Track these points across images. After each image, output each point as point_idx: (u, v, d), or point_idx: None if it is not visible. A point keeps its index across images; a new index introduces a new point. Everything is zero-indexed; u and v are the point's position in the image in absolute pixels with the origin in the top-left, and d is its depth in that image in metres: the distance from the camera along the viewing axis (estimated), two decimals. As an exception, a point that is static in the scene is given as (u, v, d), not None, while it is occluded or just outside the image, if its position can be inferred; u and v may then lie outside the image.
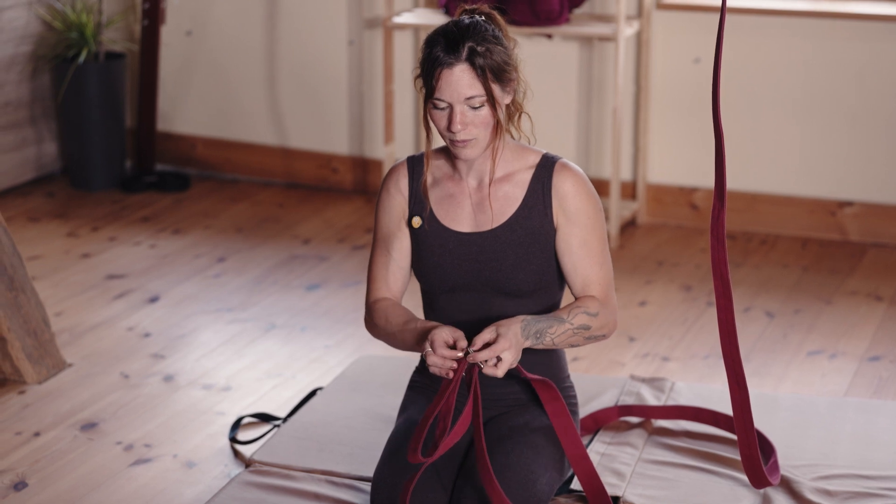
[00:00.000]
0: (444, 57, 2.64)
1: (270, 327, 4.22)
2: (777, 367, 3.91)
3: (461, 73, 2.64)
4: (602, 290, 2.79)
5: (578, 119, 5.18)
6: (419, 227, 2.83)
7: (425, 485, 2.69)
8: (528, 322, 2.69)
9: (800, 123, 4.94)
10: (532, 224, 2.78)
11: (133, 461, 3.36)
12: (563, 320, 2.73)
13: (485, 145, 2.73)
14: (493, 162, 2.77)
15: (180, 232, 5.08)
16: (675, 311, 4.33)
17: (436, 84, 2.65)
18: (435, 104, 2.68)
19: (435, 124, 2.71)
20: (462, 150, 2.72)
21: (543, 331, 2.71)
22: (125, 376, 3.85)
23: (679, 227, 5.12)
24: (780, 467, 3.10)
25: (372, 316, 2.85)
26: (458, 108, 2.66)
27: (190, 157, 5.76)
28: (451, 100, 2.66)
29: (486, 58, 2.65)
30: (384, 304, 2.84)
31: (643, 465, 3.14)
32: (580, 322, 2.75)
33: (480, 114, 2.68)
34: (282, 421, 3.50)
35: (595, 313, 2.76)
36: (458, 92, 2.65)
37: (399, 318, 2.79)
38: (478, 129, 2.69)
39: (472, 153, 2.72)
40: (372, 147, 5.49)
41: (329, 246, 4.94)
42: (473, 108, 2.67)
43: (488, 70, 2.65)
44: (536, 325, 2.70)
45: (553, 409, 2.78)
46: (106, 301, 4.41)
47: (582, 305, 2.76)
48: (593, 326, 2.76)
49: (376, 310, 2.84)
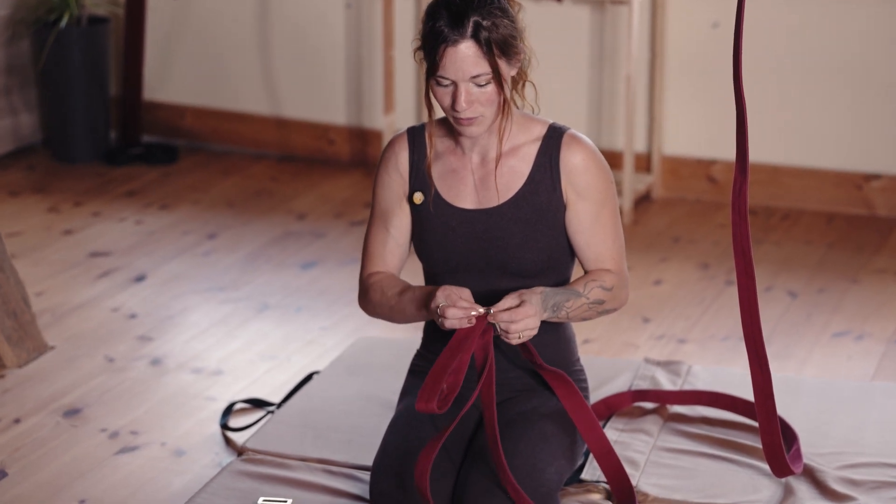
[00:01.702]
0: (448, 33, 2.62)
1: (263, 307, 4.22)
2: (800, 350, 3.91)
3: (466, 51, 2.63)
4: (616, 263, 2.81)
5: (590, 87, 5.17)
6: (421, 204, 2.82)
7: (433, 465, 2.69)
8: (546, 294, 2.70)
9: (826, 91, 4.93)
10: (539, 200, 2.78)
11: (118, 449, 3.37)
12: (580, 294, 2.75)
13: (490, 122, 2.72)
14: (500, 141, 2.76)
15: (168, 207, 5.08)
16: (692, 291, 4.33)
17: (439, 61, 2.64)
18: (438, 81, 2.67)
19: (437, 101, 2.70)
20: (467, 128, 2.71)
21: (561, 304, 2.72)
22: (110, 360, 3.85)
23: (696, 202, 5.12)
24: (804, 455, 3.10)
25: (367, 291, 2.85)
26: (463, 86, 2.65)
27: (178, 128, 5.75)
28: (455, 78, 2.65)
29: (491, 32, 2.63)
30: (379, 278, 2.84)
31: (658, 454, 3.15)
32: (595, 296, 2.76)
33: (486, 91, 2.67)
34: (276, 407, 3.51)
35: (610, 287, 2.77)
36: (462, 70, 2.64)
37: (395, 287, 2.79)
38: (483, 106, 2.68)
39: (477, 131, 2.72)
40: (371, 117, 5.48)
41: (325, 221, 4.94)
42: (479, 85, 2.66)
43: (495, 46, 2.64)
44: (555, 298, 2.71)
45: (572, 404, 2.78)
46: (89, 280, 4.41)
47: (598, 279, 2.77)
48: (607, 300, 2.78)
49: (371, 284, 2.84)
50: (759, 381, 2.84)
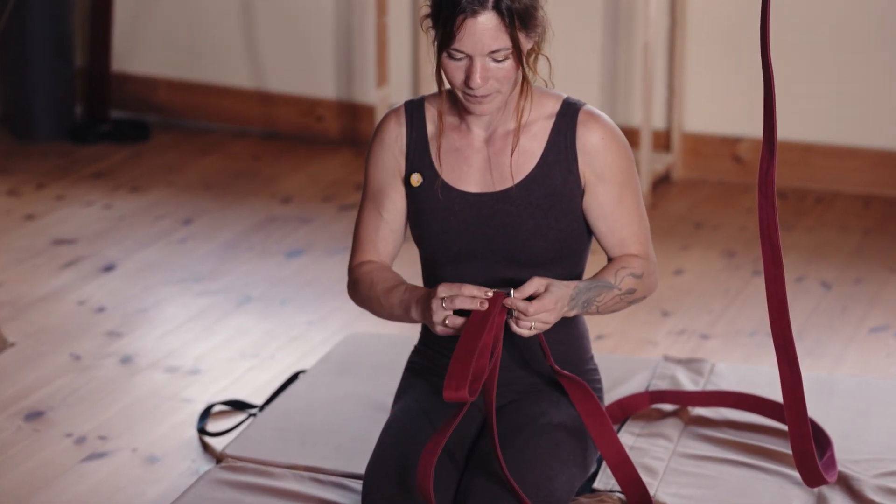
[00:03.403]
0: (467, 3, 2.61)
1: (245, 300, 4.22)
2: (834, 346, 3.91)
3: (486, 23, 2.63)
4: (642, 247, 2.83)
5: (603, 57, 5.17)
6: (419, 186, 2.82)
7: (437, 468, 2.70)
8: (579, 290, 2.72)
9: (864, 62, 4.93)
10: (553, 183, 2.78)
11: (86, 456, 3.37)
12: (612, 286, 2.76)
13: (503, 100, 2.72)
14: (518, 124, 2.76)
15: (139, 190, 5.08)
16: (716, 281, 4.34)
17: (456, 33, 2.63)
18: (451, 54, 2.66)
19: (447, 76, 2.69)
20: (477, 106, 2.71)
21: (592, 300, 2.74)
22: (76, 357, 3.86)
23: (720, 184, 5.12)
24: (838, 462, 3.10)
25: (356, 283, 2.86)
26: (479, 60, 2.65)
27: (150, 103, 5.75)
28: (471, 52, 2.64)
29: (514, 2, 2.63)
30: (369, 268, 2.84)
31: (678, 461, 3.15)
32: (628, 286, 2.78)
33: (503, 67, 2.67)
34: (258, 409, 3.51)
35: (640, 275, 2.80)
36: (481, 44, 2.64)
37: (385, 282, 2.80)
38: (499, 82, 2.68)
39: (489, 108, 2.72)
40: (363, 90, 5.48)
41: (313, 206, 4.95)
42: (496, 60, 2.66)
43: (517, 17, 2.64)
44: (587, 294, 2.73)
45: (586, 408, 2.79)
46: (53, 270, 4.41)
47: (627, 266, 2.79)
48: (638, 289, 2.81)
49: (360, 275, 2.85)
50: (789, 380, 2.85)
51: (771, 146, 2.73)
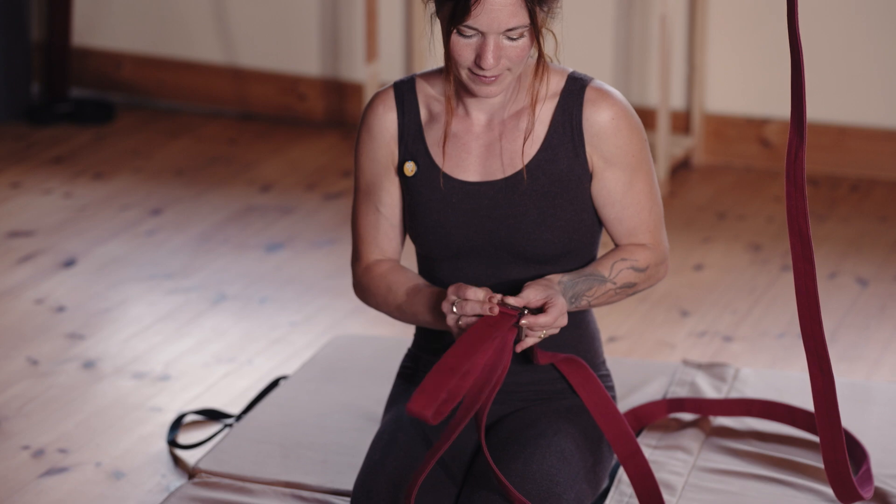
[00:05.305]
0: None
1: (220, 299, 4.23)
2: (871, 349, 3.92)
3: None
4: (653, 236, 2.83)
5: (616, 31, 5.18)
6: (413, 176, 2.83)
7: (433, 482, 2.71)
8: (564, 286, 2.72)
9: (902, 35, 4.95)
10: (558, 169, 2.79)
11: (45, 470, 3.38)
12: (605, 279, 2.76)
13: (513, 81, 2.73)
14: (533, 111, 2.76)
15: (103, 176, 5.09)
16: (741, 278, 4.35)
17: (471, 9, 2.63)
18: (461, 31, 2.67)
19: (454, 54, 2.70)
20: (484, 88, 2.71)
21: (581, 294, 2.74)
22: (33, 362, 3.87)
23: (746, 170, 5.13)
24: (875, 477, 3.11)
25: (368, 286, 2.86)
26: (493, 39, 2.65)
27: (114, 80, 5.76)
28: (486, 30, 2.65)
29: None
30: (382, 270, 2.85)
31: (699, 475, 3.16)
32: (625, 280, 2.78)
33: (517, 45, 2.68)
34: (235, 419, 3.52)
35: (644, 267, 2.79)
36: (498, 21, 2.64)
37: (404, 284, 2.81)
38: (512, 62, 2.69)
39: (497, 90, 2.72)
40: (350, 67, 5.49)
41: (295, 194, 4.95)
42: (511, 39, 2.67)
43: None
44: (573, 290, 2.73)
45: (588, 393, 2.80)
46: (8, 265, 4.42)
47: (628, 258, 2.79)
48: (639, 283, 2.80)
49: (372, 277, 2.85)
50: (821, 387, 2.86)
51: (800, 128, 2.74)
